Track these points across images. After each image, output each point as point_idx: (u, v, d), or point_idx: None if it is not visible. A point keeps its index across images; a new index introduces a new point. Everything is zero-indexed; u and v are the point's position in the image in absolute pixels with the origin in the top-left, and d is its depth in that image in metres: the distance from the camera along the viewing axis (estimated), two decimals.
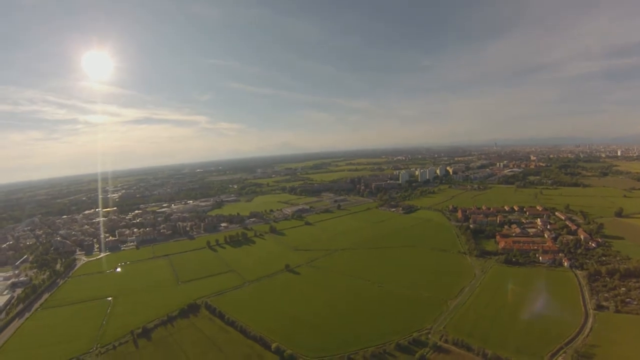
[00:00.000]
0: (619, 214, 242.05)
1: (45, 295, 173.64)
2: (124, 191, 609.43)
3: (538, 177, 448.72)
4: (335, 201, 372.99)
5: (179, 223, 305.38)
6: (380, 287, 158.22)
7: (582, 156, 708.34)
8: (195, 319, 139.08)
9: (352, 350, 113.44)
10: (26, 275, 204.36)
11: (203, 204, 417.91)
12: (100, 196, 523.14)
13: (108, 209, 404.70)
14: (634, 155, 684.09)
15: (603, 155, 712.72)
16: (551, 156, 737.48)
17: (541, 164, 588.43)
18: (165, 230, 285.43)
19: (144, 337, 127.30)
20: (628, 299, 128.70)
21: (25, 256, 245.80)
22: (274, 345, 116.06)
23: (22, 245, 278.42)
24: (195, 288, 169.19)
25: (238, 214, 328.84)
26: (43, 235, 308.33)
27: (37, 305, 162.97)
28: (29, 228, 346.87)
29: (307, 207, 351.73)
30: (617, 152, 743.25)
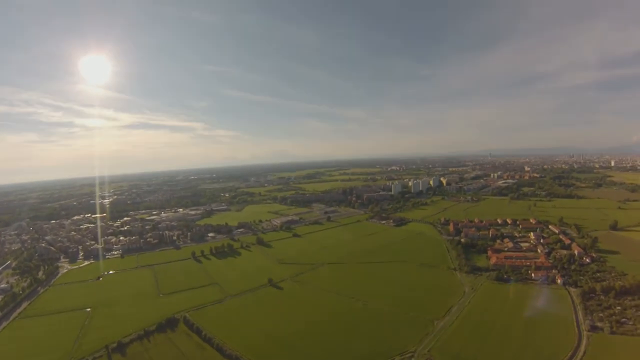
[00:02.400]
0: (614, 227, 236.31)
1: (25, 304, 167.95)
2: (115, 197, 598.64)
3: (532, 188, 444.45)
4: (326, 212, 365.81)
5: (166, 232, 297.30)
6: (364, 305, 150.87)
7: (576, 167, 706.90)
8: (172, 335, 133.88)
9: None
10: (7, 282, 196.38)
11: (193, 212, 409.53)
12: (91, 202, 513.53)
13: (97, 215, 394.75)
14: (628, 165, 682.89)
15: (597, 166, 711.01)
16: (545, 167, 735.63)
17: (535, 174, 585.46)
18: (151, 239, 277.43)
19: (118, 352, 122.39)
20: (624, 319, 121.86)
21: (9, 262, 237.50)
22: None
23: (7, 250, 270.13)
24: (176, 301, 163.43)
25: (226, 224, 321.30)
26: (29, 241, 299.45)
27: (15, 314, 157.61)
28: (15, 232, 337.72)
29: (297, 218, 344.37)
30: (610, 163, 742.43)
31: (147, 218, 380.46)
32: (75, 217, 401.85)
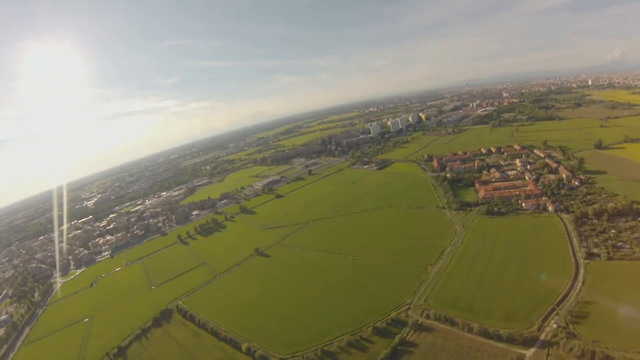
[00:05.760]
0: (599, 146, 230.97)
1: (27, 330, 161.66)
2: (99, 195, 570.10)
3: (512, 113, 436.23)
4: (307, 166, 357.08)
5: (151, 220, 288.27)
6: (354, 261, 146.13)
7: (554, 88, 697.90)
8: (168, 327, 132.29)
9: (326, 341, 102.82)
10: (7, 313, 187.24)
11: (176, 193, 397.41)
12: (76, 207, 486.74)
13: (83, 219, 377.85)
14: (605, 83, 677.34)
15: (574, 86, 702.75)
16: (523, 91, 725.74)
17: (514, 100, 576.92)
18: (138, 231, 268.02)
19: (120, 356, 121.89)
20: (620, 243, 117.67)
21: (5, 291, 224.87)
22: (244, 346, 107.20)
23: (0, 279, 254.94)
24: (168, 290, 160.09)
25: (209, 197, 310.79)
26: (20, 264, 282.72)
27: (19, 342, 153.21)
28: (6, 259, 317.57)
29: (278, 177, 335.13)
30: (588, 82, 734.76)
31: (132, 210, 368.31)
32: (62, 227, 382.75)
